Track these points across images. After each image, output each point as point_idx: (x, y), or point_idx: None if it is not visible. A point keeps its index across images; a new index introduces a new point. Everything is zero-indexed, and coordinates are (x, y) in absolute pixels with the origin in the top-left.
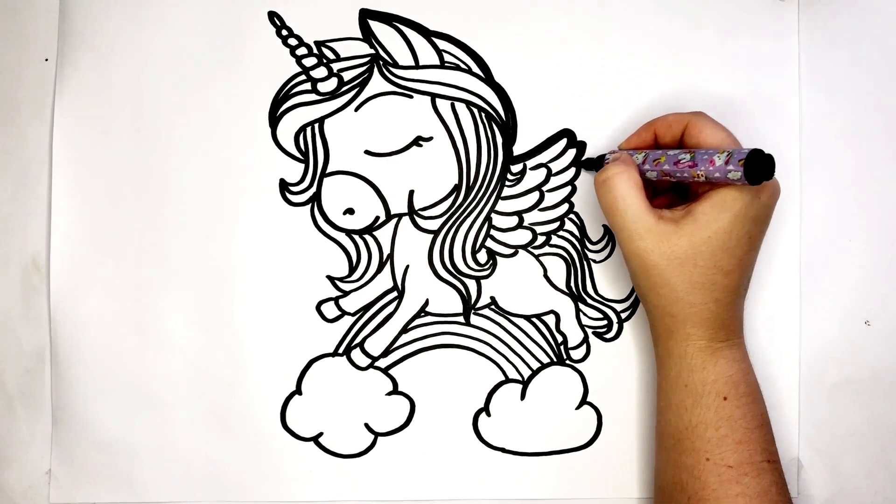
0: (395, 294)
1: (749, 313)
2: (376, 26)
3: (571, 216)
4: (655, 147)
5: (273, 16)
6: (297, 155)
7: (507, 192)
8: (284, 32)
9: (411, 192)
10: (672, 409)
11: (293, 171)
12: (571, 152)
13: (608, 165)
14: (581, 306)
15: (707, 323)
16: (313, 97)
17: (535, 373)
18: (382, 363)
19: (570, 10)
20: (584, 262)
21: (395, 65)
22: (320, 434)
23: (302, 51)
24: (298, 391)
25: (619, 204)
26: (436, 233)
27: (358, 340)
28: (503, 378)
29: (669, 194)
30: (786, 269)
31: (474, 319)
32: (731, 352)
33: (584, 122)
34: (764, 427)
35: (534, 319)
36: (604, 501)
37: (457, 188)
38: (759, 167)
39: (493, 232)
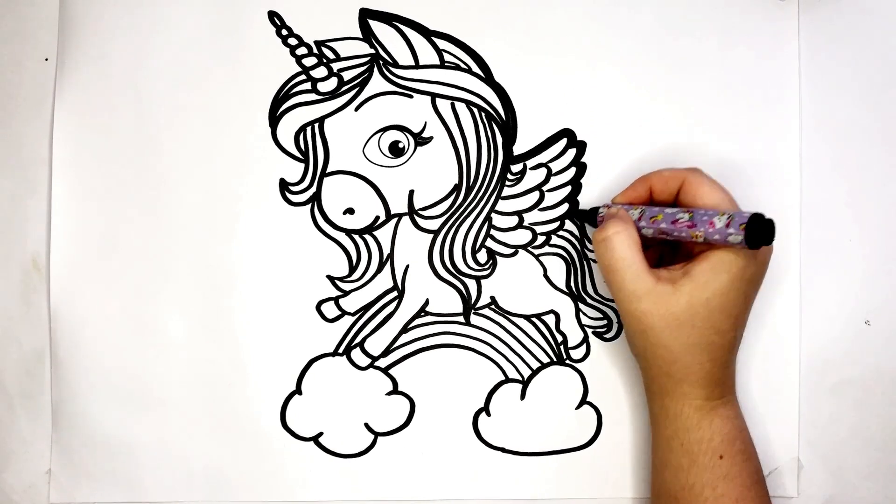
0: (395, 294)
1: (750, 313)
2: (376, 26)
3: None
4: (650, 203)
5: (273, 15)
6: (297, 155)
7: (507, 191)
8: (284, 32)
9: (411, 192)
10: (669, 468)
11: (293, 170)
12: (571, 152)
13: (607, 224)
14: (581, 306)
15: (703, 382)
16: (313, 97)
17: (534, 373)
18: (382, 363)
19: (570, 10)
20: (584, 262)
21: (395, 64)
22: (320, 434)
23: (302, 50)
24: (298, 391)
25: (619, 264)
26: (436, 233)
27: (358, 340)
28: (503, 378)
29: (660, 247)
30: (786, 269)
31: (474, 319)
32: (725, 409)
33: (584, 122)
34: (760, 483)
35: (534, 319)
36: (604, 501)
37: (457, 188)
38: (760, 232)
39: (493, 232)
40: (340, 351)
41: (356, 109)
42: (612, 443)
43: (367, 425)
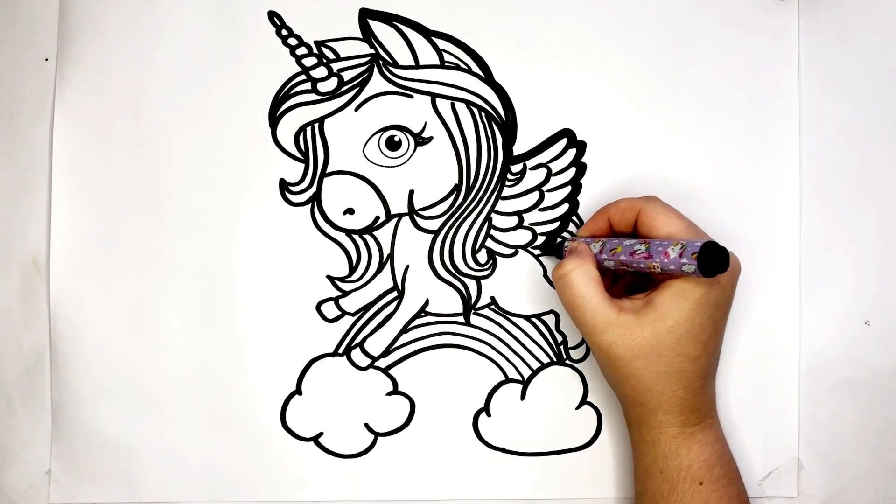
0: (395, 294)
1: (749, 313)
2: (376, 26)
3: (573, 217)
4: (612, 234)
5: (273, 15)
6: (297, 155)
7: (507, 192)
8: (284, 32)
9: (411, 192)
10: (649, 495)
11: (293, 170)
12: (571, 152)
13: (565, 261)
14: None
15: (677, 410)
16: (313, 97)
17: (535, 373)
18: (382, 363)
19: (571, 10)
20: None
21: (395, 65)
22: (320, 434)
23: (302, 50)
24: (298, 391)
25: (578, 300)
26: (436, 233)
27: (358, 340)
28: (503, 378)
29: (630, 278)
30: (786, 269)
31: (474, 319)
32: (703, 435)
33: (584, 122)
34: None
35: (534, 319)
36: (604, 501)
37: (457, 188)
38: (713, 260)
39: (493, 232)
40: (340, 351)
41: (356, 109)
42: (612, 443)
43: (367, 425)
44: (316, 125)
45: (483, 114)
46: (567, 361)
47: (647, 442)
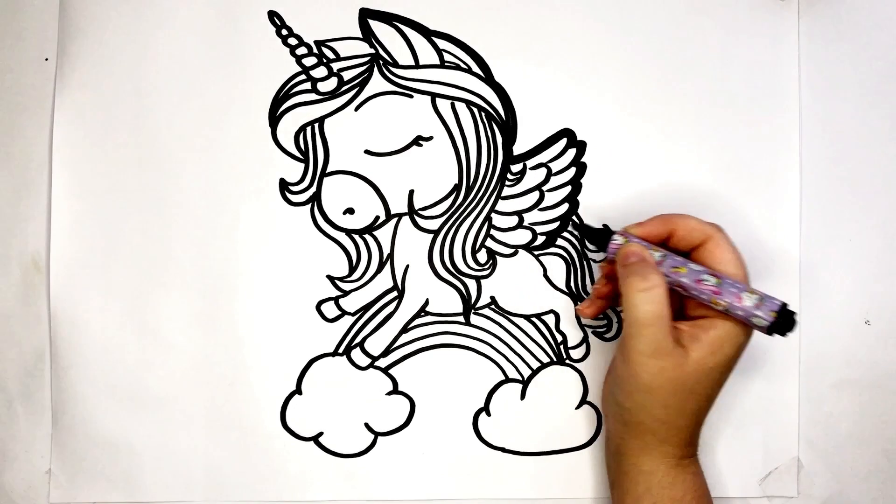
0: (395, 294)
1: None
2: (376, 26)
3: (573, 217)
4: (665, 244)
5: (273, 15)
6: (297, 155)
7: (507, 191)
8: (284, 32)
9: (411, 192)
10: None
11: (293, 170)
12: (571, 152)
13: (650, 274)
14: None
15: (683, 442)
16: (313, 97)
17: (534, 372)
18: (382, 363)
19: (571, 10)
20: (584, 262)
21: (395, 64)
22: (320, 434)
23: (302, 50)
24: (298, 391)
25: (652, 319)
26: (436, 232)
27: (358, 340)
28: (503, 378)
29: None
30: (786, 269)
31: (474, 319)
32: (693, 466)
33: (584, 122)
34: None
35: (534, 319)
36: (604, 501)
37: (457, 188)
38: (785, 322)
39: (493, 232)
40: (340, 351)
41: (356, 109)
42: None
43: (367, 425)
44: (316, 125)
45: (483, 114)
46: (567, 361)
47: (642, 471)
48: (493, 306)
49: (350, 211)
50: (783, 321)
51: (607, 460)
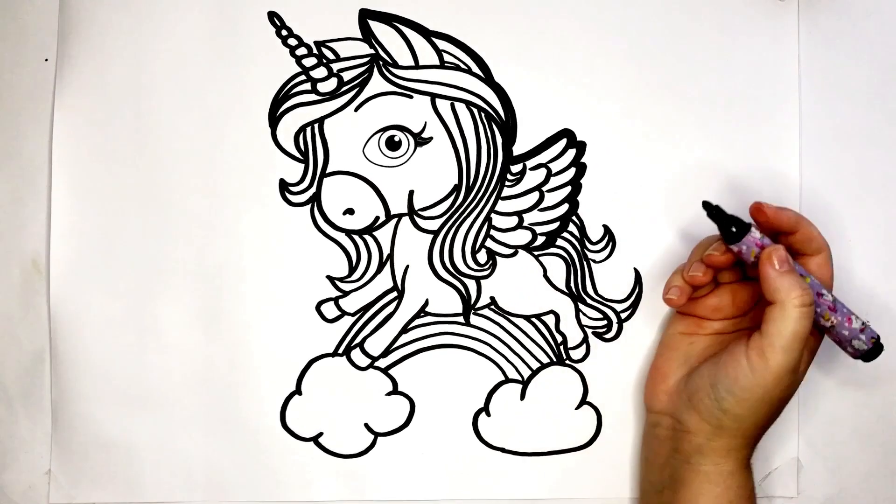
0: (394, 294)
1: None
2: (376, 26)
3: (573, 218)
4: (770, 233)
5: (273, 16)
6: (297, 155)
7: (506, 192)
8: (284, 32)
9: (411, 192)
10: None
11: (293, 171)
12: (571, 152)
13: (806, 288)
14: (581, 306)
15: (757, 443)
16: (313, 97)
17: (534, 373)
18: (382, 363)
19: (570, 10)
20: (584, 262)
21: (395, 65)
22: (320, 434)
23: (302, 51)
24: (298, 391)
25: (805, 336)
26: (436, 233)
27: (358, 340)
28: (503, 378)
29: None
30: None
31: (474, 319)
32: (752, 469)
33: (584, 122)
34: None
35: (533, 319)
36: (604, 501)
37: (457, 188)
38: (874, 351)
39: (492, 232)
40: (340, 351)
41: (356, 110)
42: (613, 443)
43: (367, 425)
44: (316, 125)
45: (483, 114)
46: (567, 361)
47: (722, 472)
48: (492, 307)
49: (350, 211)
50: (874, 350)
51: (664, 457)
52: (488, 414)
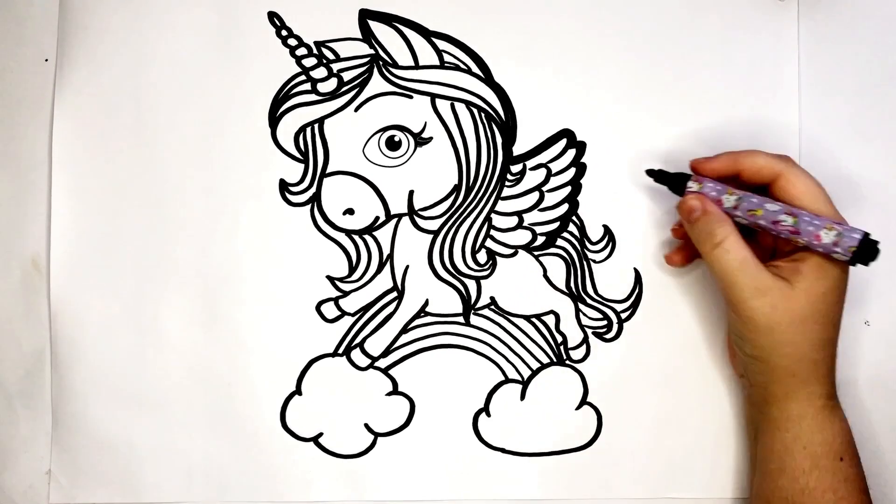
0: (394, 294)
1: None
2: (376, 26)
3: (573, 218)
4: (736, 182)
5: (273, 16)
6: (297, 155)
7: (506, 192)
8: (284, 33)
9: (411, 193)
10: (787, 473)
11: (293, 171)
12: (571, 152)
13: (717, 228)
14: (581, 306)
15: (826, 380)
16: (313, 97)
17: (534, 373)
18: (382, 363)
19: (570, 10)
20: (584, 262)
21: (395, 65)
22: (320, 434)
23: (302, 51)
24: (298, 391)
25: (737, 264)
26: (436, 233)
27: (358, 340)
28: (503, 378)
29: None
30: None
31: (474, 319)
32: (839, 410)
33: (584, 122)
34: (867, 490)
35: (533, 319)
36: (604, 501)
37: (457, 188)
38: (866, 253)
39: (492, 232)
40: (340, 351)
41: (356, 110)
42: (613, 443)
43: (367, 426)
44: (316, 125)
45: (483, 114)
46: (567, 362)
47: (791, 417)
48: (492, 307)
49: (350, 211)
50: (865, 251)
51: (750, 417)
52: (488, 414)
